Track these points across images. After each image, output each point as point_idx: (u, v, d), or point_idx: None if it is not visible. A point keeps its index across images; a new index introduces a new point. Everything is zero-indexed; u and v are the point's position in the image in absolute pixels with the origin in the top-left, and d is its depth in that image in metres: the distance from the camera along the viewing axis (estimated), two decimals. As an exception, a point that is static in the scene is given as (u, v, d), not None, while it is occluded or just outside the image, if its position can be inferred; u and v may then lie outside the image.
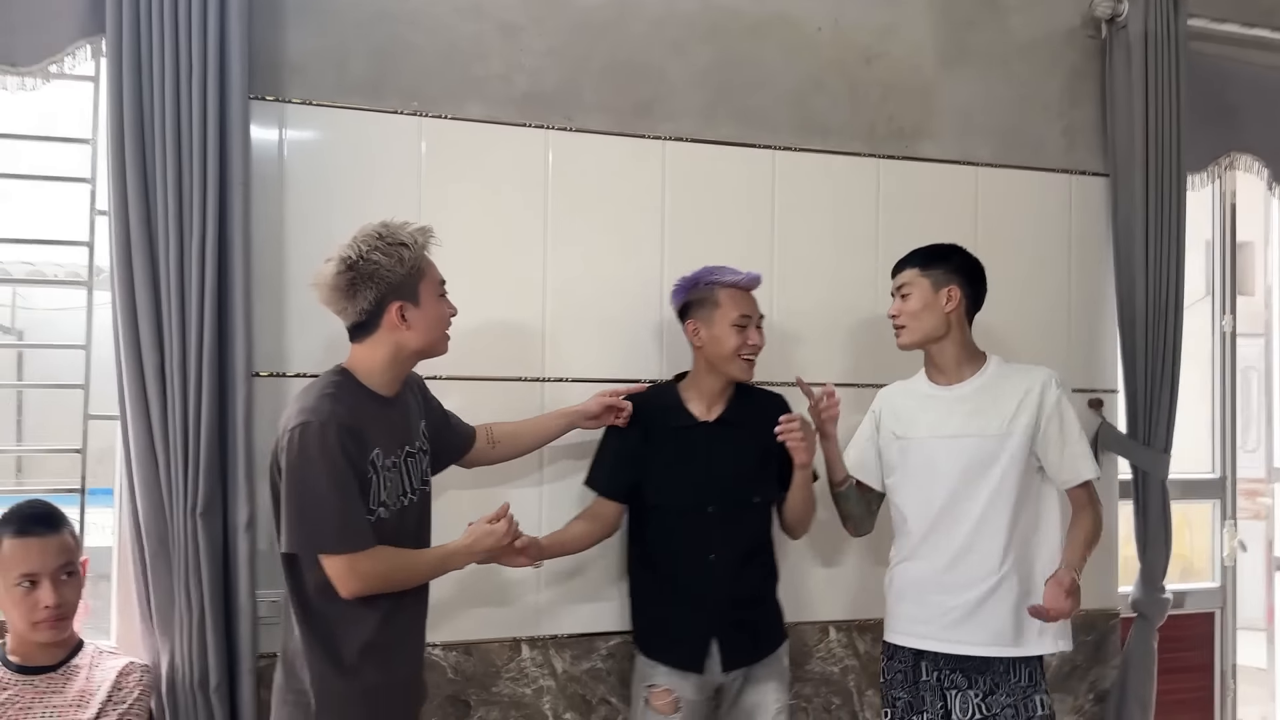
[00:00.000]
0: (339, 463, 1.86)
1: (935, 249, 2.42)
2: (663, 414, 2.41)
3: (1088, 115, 3.14)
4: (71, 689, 2.01)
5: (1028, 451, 2.29)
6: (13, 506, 2.05)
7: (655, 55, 2.74)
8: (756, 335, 2.38)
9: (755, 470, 2.41)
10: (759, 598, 2.44)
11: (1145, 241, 3.01)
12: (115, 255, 2.20)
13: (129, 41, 2.20)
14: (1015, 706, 2.25)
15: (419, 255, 2.00)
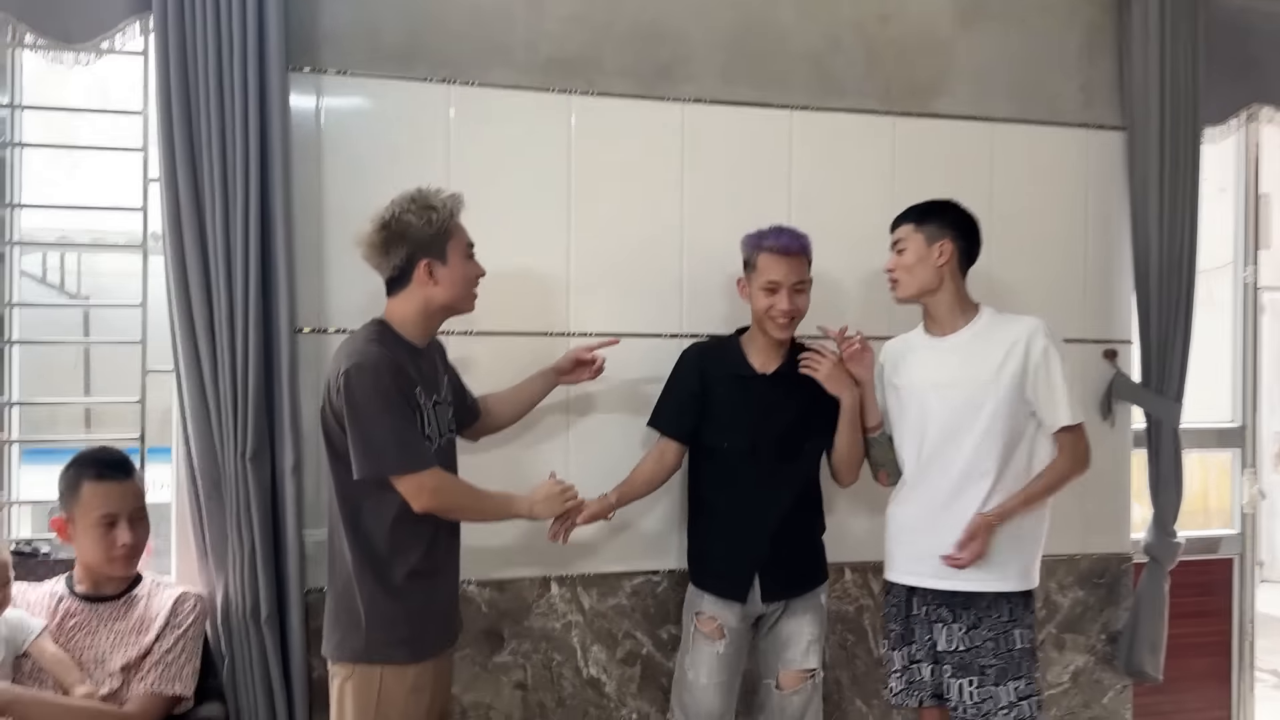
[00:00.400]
0: (391, 393, 2.05)
1: (930, 205, 2.49)
2: (723, 363, 2.55)
3: (1105, 70, 3.17)
4: (132, 615, 2.20)
5: (1017, 398, 2.38)
6: (87, 452, 2.24)
7: (676, 19, 2.84)
8: (785, 300, 2.43)
9: (806, 421, 2.53)
10: (801, 538, 2.57)
11: (1160, 195, 3.06)
12: (166, 220, 2.37)
13: (174, 18, 2.35)
14: (995, 639, 2.38)
15: (447, 218, 2.16)
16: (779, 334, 2.48)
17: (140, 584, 2.27)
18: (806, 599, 2.55)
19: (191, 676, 2.21)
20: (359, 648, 2.10)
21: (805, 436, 2.54)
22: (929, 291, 2.47)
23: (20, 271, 2.69)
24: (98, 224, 2.80)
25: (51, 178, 2.95)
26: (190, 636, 2.23)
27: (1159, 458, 3.14)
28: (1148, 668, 3.11)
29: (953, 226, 2.46)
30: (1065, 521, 3.10)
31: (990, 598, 2.39)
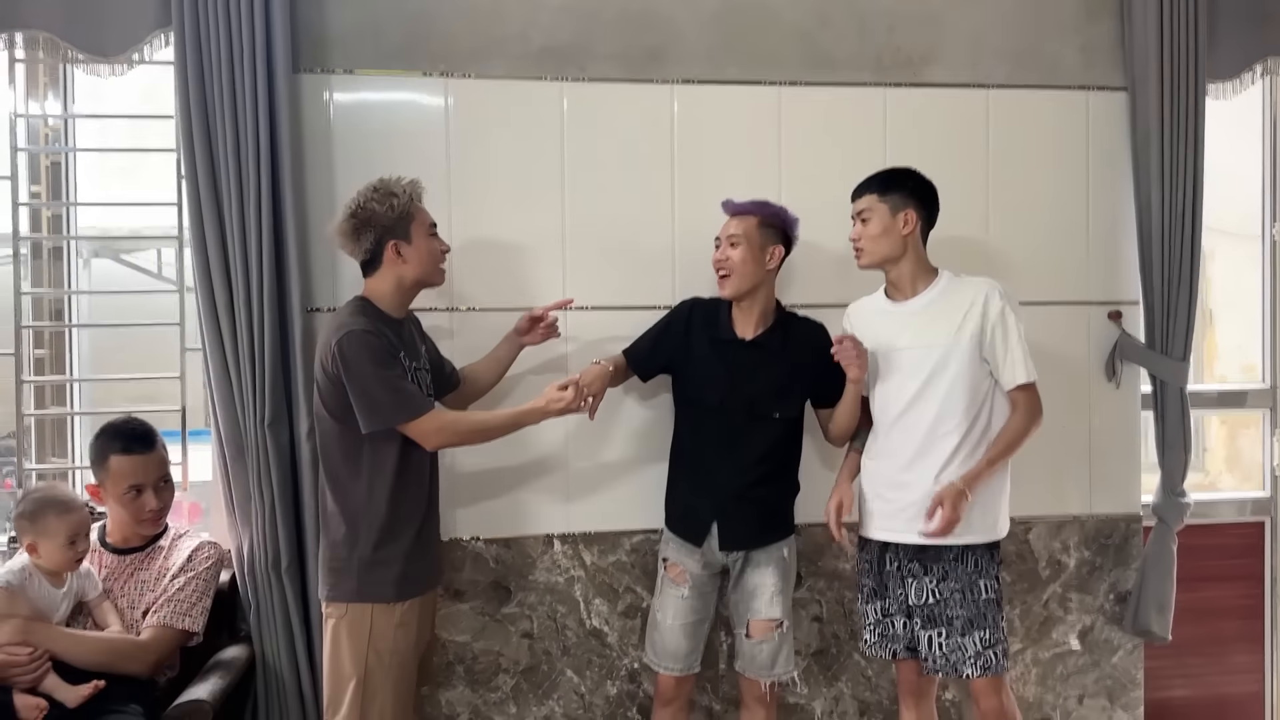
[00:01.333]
0: (381, 353, 2.28)
1: (891, 174, 2.56)
2: (711, 324, 2.67)
3: (1106, 30, 3.16)
4: (155, 565, 2.49)
5: (975, 359, 2.46)
6: (113, 424, 2.50)
7: (664, 3, 2.97)
8: (717, 253, 2.64)
9: (780, 389, 2.63)
10: (764, 497, 2.65)
11: (1162, 153, 3.05)
12: (189, 214, 2.65)
13: (190, 30, 2.61)
14: (962, 590, 2.47)
15: (408, 202, 2.39)
16: (720, 289, 2.63)
17: (164, 534, 2.55)
18: (768, 551, 2.65)
19: (201, 615, 2.46)
20: (351, 589, 2.34)
21: (775, 404, 2.63)
22: (893, 259, 2.55)
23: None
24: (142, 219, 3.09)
25: (105, 181, 3.29)
26: (203, 579, 2.49)
27: (1165, 419, 3.13)
28: (1155, 627, 3.12)
29: (915, 195, 2.53)
30: (1071, 483, 3.18)
31: (957, 550, 2.48)
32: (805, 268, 3.01)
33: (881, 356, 2.56)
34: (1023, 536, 3.15)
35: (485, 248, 2.89)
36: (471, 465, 2.91)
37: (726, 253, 2.61)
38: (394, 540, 2.35)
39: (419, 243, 2.40)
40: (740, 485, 2.61)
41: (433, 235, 2.45)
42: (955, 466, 2.45)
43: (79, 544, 2.32)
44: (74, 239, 2.95)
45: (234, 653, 2.62)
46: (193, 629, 2.44)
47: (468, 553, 2.91)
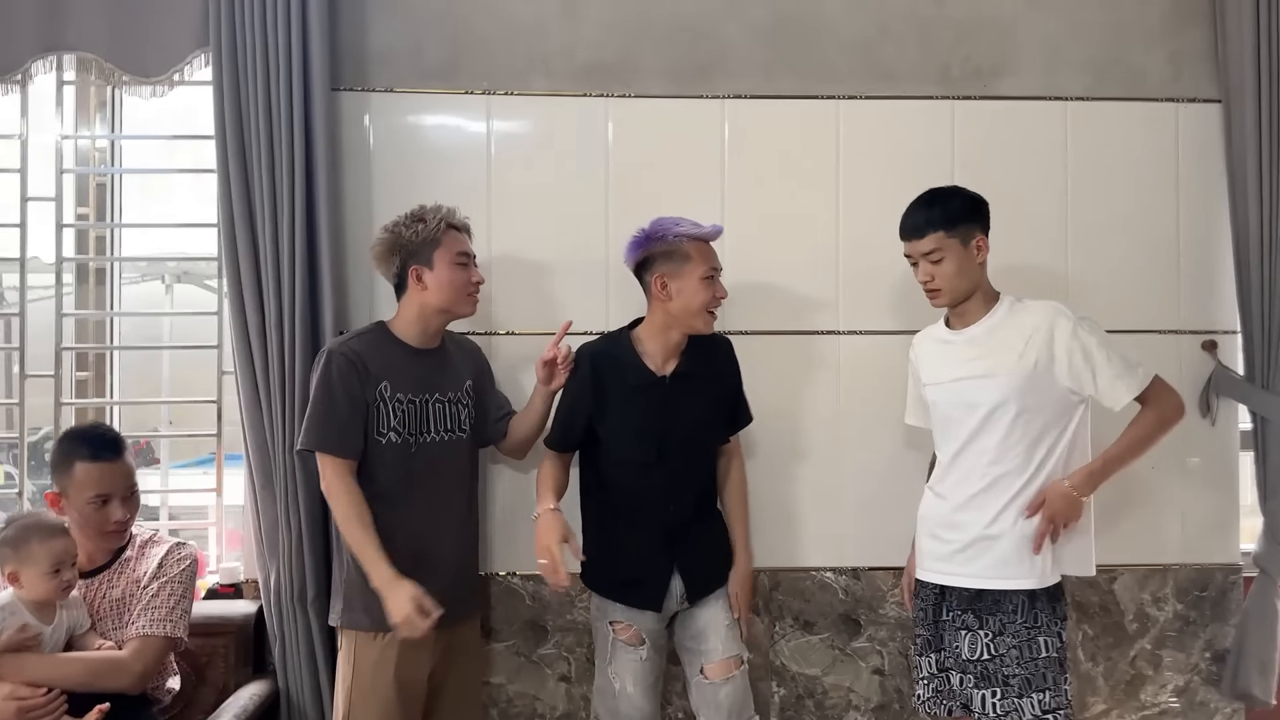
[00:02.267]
0: (334, 381, 2.29)
1: (950, 207, 2.29)
2: (618, 369, 2.42)
3: (1197, 38, 2.92)
4: (125, 580, 2.32)
5: (1044, 388, 2.22)
6: (79, 430, 2.37)
7: (713, 16, 2.84)
8: (723, 288, 2.41)
9: (710, 420, 2.48)
10: (711, 533, 2.50)
11: (1260, 169, 2.79)
12: (222, 234, 2.61)
13: (227, 48, 2.58)
14: (1019, 647, 2.22)
15: (435, 227, 2.35)
16: (709, 327, 2.41)
17: (129, 545, 2.36)
18: (716, 592, 2.47)
19: (182, 618, 2.30)
20: (339, 613, 2.37)
21: (709, 436, 2.48)
22: (971, 293, 2.32)
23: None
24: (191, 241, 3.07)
25: (166, 203, 3.29)
26: (177, 581, 2.32)
27: (1266, 460, 2.84)
28: (1256, 690, 2.81)
29: (978, 218, 2.31)
30: (1162, 528, 2.92)
31: (1017, 600, 2.24)
32: (867, 292, 2.83)
33: (940, 389, 2.36)
34: (1107, 586, 2.89)
35: (525, 270, 2.78)
36: (505, 497, 2.80)
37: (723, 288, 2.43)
38: (358, 565, 2.29)
39: (441, 270, 2.36)
40: (694, 532, 2.44)
41: (461, 265, 2.39)
42: (1014, 511, 2.23)
43: (64, 572, 2.18)
44: (117, 260, 2.93)
45: (256, 689, 2.53)
46: (174, 634, 2.28)
47: (502, 589, 2.78)
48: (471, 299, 2.42)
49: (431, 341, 2.44)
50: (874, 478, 2.82)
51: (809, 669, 2.84)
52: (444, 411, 2.42)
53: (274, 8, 2.57)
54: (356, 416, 2.30)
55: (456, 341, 2.60)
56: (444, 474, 2.42)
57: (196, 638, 2.53)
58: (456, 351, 2.53)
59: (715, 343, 2.52)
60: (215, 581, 2.77)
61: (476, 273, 2.43)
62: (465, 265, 2.40)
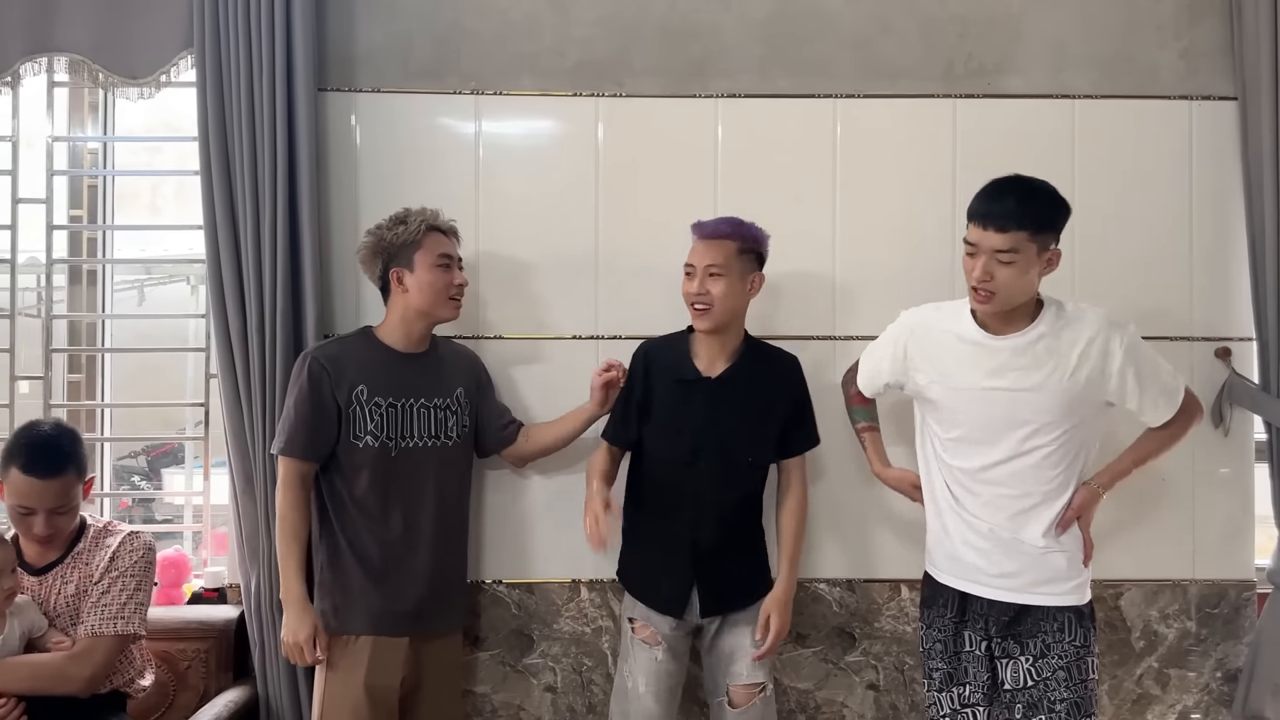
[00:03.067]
0: (303, 384, 2.32)
1: (1043, 209, 2.07)
2: (669, 365, 2.41)
3: (1212, 33, 2.81)
4: (78, 574, 2.26)
5: (1094, 406, 2.11)
6: (29, 434, 2.22)
7: (707, 13, 2.77)
8: (695, 285, 2.32)
9: (753, 430, 2.38)
10: (743, 552, 2.43)
11: (1277, 170, 2.68)
12: (205, 235, 2.58)
13: (210, 49, 2.55)
14: (1068, 669, 2.09)
15: (416, 229, 2.34)
16: (697, 323, 2.35)
17: (83, 536, 2.30)
18: (748, 610, 2.39)
19: (136, 612, 2.25)
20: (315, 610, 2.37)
21: (748, 448, 2.38)
22: (1025, 300, 2.12)
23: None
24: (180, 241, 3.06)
25: (161, 205, 3.30)
26: (129, 575, 2.26)
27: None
28: (1270, 713, 2.70)
29: (1059, 228, 2.10)
30: (1172, 542, 2.82)
31: (1063, 620, 2.12)
32: (863, 294, 2.75)
33: (962, 395, 2.17)
34: (1113, 602, 2.79)
35: (515, 272, 2.74)
36: (492, 503, 2.75)
37: (707, 285, 2.32)
38: (333, 569, 2.35)
39: (421, 272, 2.35)
40: (718, 543, 2.36)
41: (442, 267, 2.37)
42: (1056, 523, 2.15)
43: (3, 580, 2.14)
44: (108, 262, 2.92)
45: (234, 695, 2.50)
46: (126, 631, 2.22)
47: (488, 596, 2.73)
48: (453, 303, 2.40)
49: (417, 346, 2.43)
50: (867, 488, 2.74)
51: (801, 683, 2.77)
52: (429, 417, 2.39)
53: (258, 9, 2.54)
54: (322, 421, 2.32)
55: (452, 348, 2.57)
56: (426, 481, 2.40)
57: (178, 642, 2.53)
58: (450, 358, 2.52)
59: (779, 356, 2.48)
60: (200, 586, 2.75)
61: (460, 275, 2.40)
62: (446, 267, 2.37)
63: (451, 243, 2.44)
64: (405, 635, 2.35)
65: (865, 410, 2.50)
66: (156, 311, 3.07)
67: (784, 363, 2.47)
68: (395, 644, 2.34)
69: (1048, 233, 2.06)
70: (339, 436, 2.33)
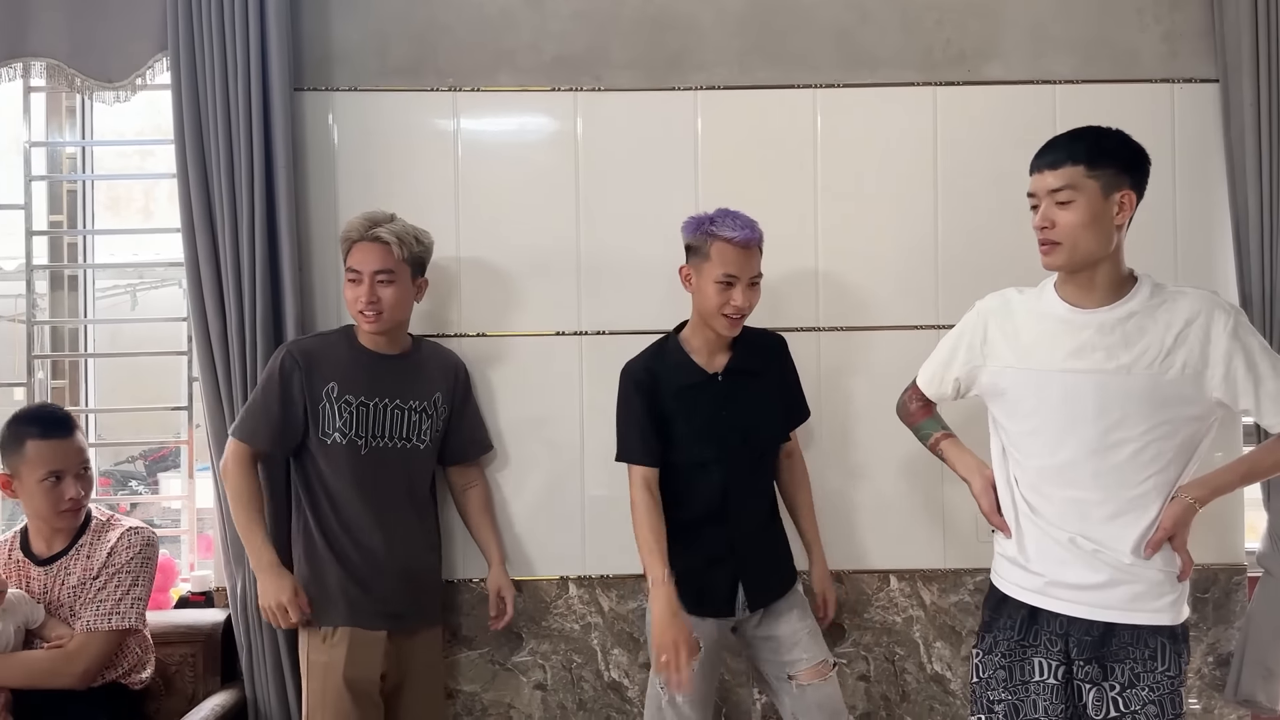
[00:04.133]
0: (273, 374, 2.37)
1: (1100, 138, 1.91)
2: (669, 373, 2.34)
3: (1193, 16, 2.79)
4: (80, 567, 2.30)
5: (1192, 397, 1.86)
6: (28, 410, 2.35)
7: (684, 5, 2.76)
8: (740, 296, 2.25)
9: (764, 415, 2.38)
10: (774, 539, 2.43)
11: (1260, 151, 2.66)
12: (183, 237, 2.56)
13: (185, 51, 2.53)
14: (1160, 702, 1.88)
15: (348, 238, 2.38)
16: (729, 331, 2.30)
17: (87, 529, 2.35)
18: (786, 596, 2.38)
19: (132, 607, 2.29)
20: None
21: (768, 433, 2.41)
22: (1097, 259, 1.90)
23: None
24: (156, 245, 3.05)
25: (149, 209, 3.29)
26: (127, 571, 2.31)
27: (1270, 455, 2.71)
28: (1261, 696, 2.69)
29: (1132, 170, 1.89)
30: (1161, 528, 2.78)
31: (1156, 644, 1.90)
32: (855, 287, 2.74)
33: (1040, 376, 1.96)
34: (1103, 588, 2.78)
35: (495, 270, 2.72)
36: (479, 501, 2.73)
37: (751, 297, 2.28)
38: (309, 563, 2.38)
39: (345, 284, 2.40)
40: (756, 535, 2.37)
41: (352, 282, 2.38)
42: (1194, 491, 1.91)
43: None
44: (89, 267, 2.91)
45: (222, 699, 2.49)
46: (122, 626, 2.26)
47: (476, 595, 2.72)
48: (362, 317, 2.37)
49: (390, 347, 2.45)
50: (854, 480, 2.74)
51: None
52: (401, 418, 2.41)
53: (232, 10, 2.52)
54: (281, 414, 2.35)
55: (436, 352, 2.58)
56: (396, 480, 2.42)
57: (165, 647, 2.52)
58: (432, 361, 2.53)
59: (766, 339, 2.46)
60: (187, 590, 2.75)
61: (370, 290, 2.34)
62: (354, 282, 2.37)
63: (375, 254, 2.35)
64: (382, 630, 2.36)
65: (932, 421, 2.28)
66: (150, 316, 3.05)
67: (776, 343, 2.47)
68: (373, 637, 2.35)
69: (1108, 168, 1.87)
70: (307, 432, 2.36)
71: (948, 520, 2.72)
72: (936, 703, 2.78)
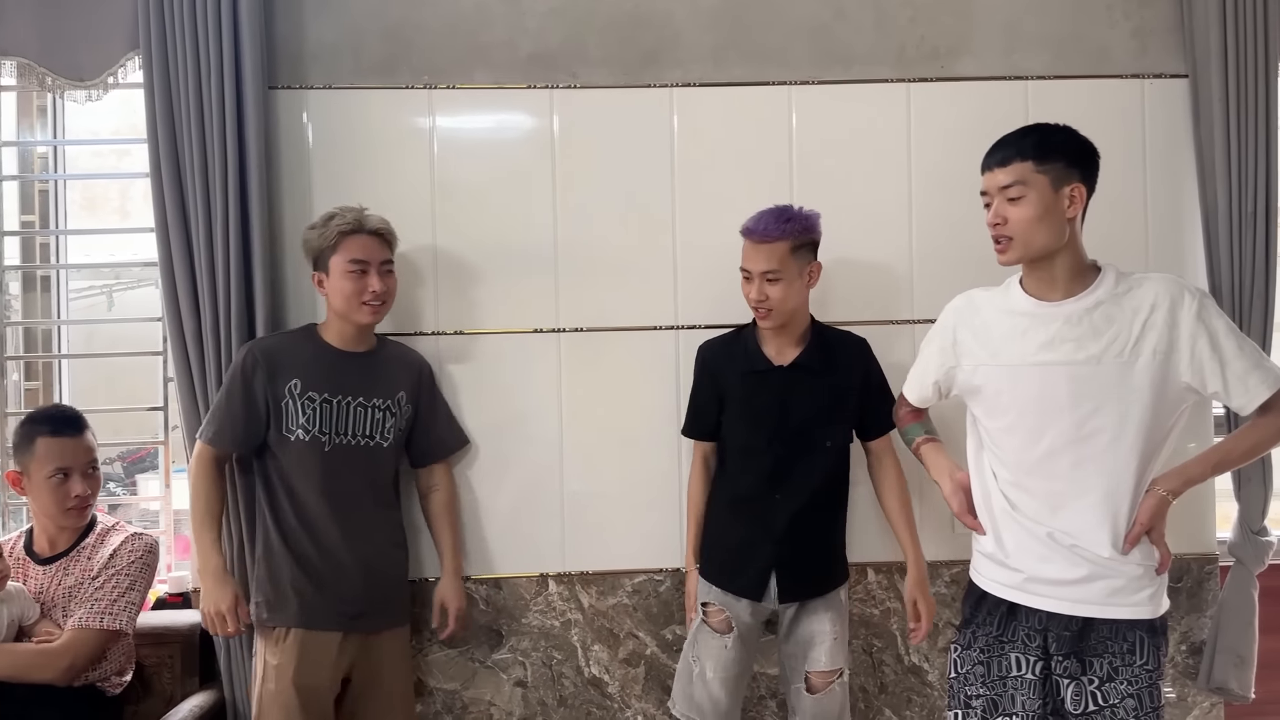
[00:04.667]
0: (235, 373, 2.38)
1: (1048, 134, 1.95)
2: (737, 359, 2.44)
3: (1162, 12, 2.82)
4: (80, 568, 2.33)
5: (1161, 384, 1.87)
6: (40, 410, 2.41)
7: (660, 2, 2.76)
8: (756, 290, 2.33)
9: (828, 414, 2.40)
10: (821, 537, 2.43)
11: (1229, 145, 2.70)
12: (157, 237, 2.55)
13: (158, 49, 2.52)
14: (1139, 696, 1.88)
15: (333, 233, 2.35)
16: (762, 324, 2.39)
17: (91, 531, 2.39)
18: (825, 598, 2.40)
19: (126, 610, 2.30)
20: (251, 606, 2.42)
21: (825, 431, 2.40)
22: (1051, 252, 1.94)
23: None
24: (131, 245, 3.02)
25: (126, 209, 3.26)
26: (125, 574, 2.33)
27: (1240, 445, 2.75)
28: (1233, 684, 2.73)
29: (1079, 163, 1.94)
30: (1134, 518, 2.81)
31: (1134, 637, 1.91)
32: (825, 283, 2.74)
33: (1020, 372, 1.97)
34: (1078, 579, 2.81)
35: (472, 266, 2.72)
36: (462, 503, 2.73)
37: (765, 291, 2.32)
38: (266, 562, 2.38)
39: (334, 277, 2.38)
40: (796, 527, 2.37)
41: (355, 273, 2.37)
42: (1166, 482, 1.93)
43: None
44: (62, 268, 2.89)
45: (200, 700, 2.48)
46: (113, 627, 2.27)
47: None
48: (366, 308, 2.38)
49: (356, 345, 2.45)
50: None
51: (771, 668, 2.78)
52: (365, 416, 2.41)
53: (204, 8, 2.50)
54: (245, 413, 2.35)
55: (400, 351, 2.58)
56: (359, 478, 2.42)
57: (143, 648, 2.50)
58: (395, 360, 2.53)
59: (846, 340, 2.48)
60: (164, 591, 2.73)
61: (375, 281, 2.37)
62: (358, 273, 2.36)
63: (374, 245, 2.40)
64: (339, 631, 2.35)
65: (916, 426, 2.31)
66: (126, 316, 3.02)
67: (854, 345, 2.48)
68: (327, 639, 2.34)
69: (1056, 163, 1.91)
70: (269, 429, 2.36)
71: (923, 513, 2.73)
72: (914, 694, 2.81)
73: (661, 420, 2.71)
